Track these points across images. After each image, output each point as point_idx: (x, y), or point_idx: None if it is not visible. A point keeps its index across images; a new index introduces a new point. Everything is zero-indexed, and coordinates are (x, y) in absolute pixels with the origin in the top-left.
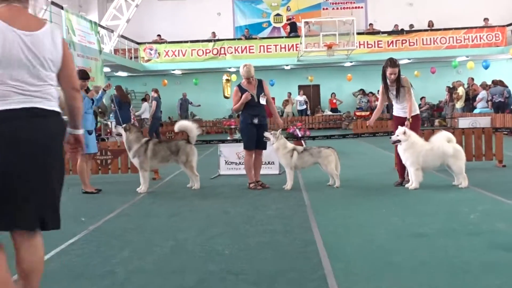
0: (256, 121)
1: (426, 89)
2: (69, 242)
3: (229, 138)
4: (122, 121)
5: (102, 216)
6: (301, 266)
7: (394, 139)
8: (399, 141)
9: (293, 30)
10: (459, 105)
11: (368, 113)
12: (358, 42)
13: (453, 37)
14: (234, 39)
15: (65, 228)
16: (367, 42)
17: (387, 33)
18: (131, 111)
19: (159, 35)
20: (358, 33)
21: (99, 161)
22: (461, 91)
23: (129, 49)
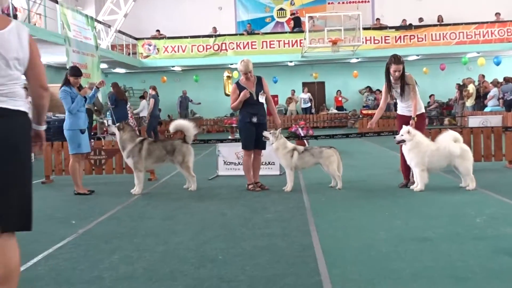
0: (255, 120)
1: (435, 86)
2: (58, 245)
3: (230, 137)
4: (118, 119)
5: (93, 218)
6: (297, 271)
7: (398, 139)
8: (403, 141)
9: (297, 25)
10: (469, 103)
11: (375, 111)
12: (364, 37)
13: (463, 33)
14: (235, 35)
15: (54, 231)
16: (374, 37)
17: (395, 28)
18: (129, 109)
19: (158, 30)
20: (364, 28)
21: (92, 161)
22: (472, 88)
23: (127, 45)
